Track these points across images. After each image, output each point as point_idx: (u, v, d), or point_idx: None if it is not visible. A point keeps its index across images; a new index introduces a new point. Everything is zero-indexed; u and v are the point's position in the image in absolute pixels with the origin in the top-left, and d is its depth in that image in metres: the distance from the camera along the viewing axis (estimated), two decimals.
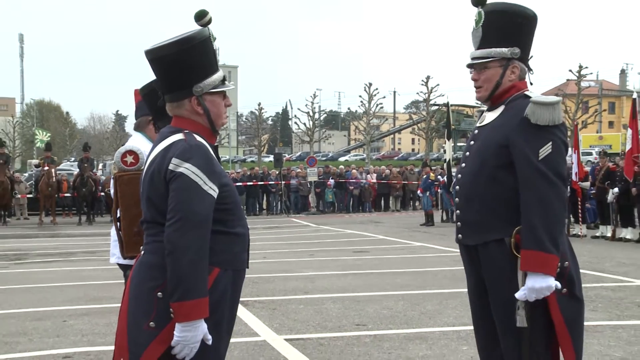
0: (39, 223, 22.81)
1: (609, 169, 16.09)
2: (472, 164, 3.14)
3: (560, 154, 2.97)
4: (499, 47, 3.10)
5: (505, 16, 3.11)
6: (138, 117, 4.38)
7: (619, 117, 74.14)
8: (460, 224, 3.20)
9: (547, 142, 2.94)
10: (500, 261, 3.01)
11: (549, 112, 2.94)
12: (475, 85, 3.21)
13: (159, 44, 2.83)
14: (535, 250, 2.88)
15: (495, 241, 3.02)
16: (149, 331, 2.71)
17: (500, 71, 3.12)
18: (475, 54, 3.17)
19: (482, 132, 3.18)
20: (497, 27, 3.10)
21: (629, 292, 8.70)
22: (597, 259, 12.07)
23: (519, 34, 3.13)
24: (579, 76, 46.79)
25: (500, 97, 3.16)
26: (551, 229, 2.90)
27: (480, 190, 3.09)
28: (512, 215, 2.99)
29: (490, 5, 3.14)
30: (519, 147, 2.96)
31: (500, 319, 3.06)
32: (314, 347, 6.07)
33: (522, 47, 3.13)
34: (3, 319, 7.54)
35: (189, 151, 2.71)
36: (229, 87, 2.93)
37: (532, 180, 2.93)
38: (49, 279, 10.46)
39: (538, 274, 2.88)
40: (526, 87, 3.17)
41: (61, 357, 5.89)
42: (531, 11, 3.16)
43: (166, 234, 2.65)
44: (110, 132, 79.77)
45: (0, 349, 6.21)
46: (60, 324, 7.20)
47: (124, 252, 3.63)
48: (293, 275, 10.49)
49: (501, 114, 3.11)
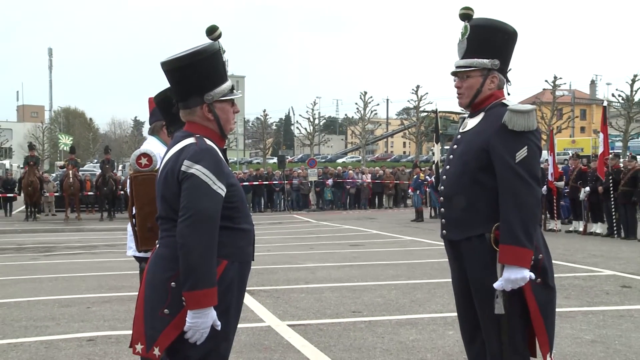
0: (65, 219, 22.80)
1: (581, 170, 16.09)
2: (456, 166, 3.15)
3: (534, 157, 2.98)
4: (480, 58, 3.11)
5: (489, 30, 3.12)
6: (152, 122, 4.37)
7: (590, 123, 74.06)
8: (445, 220, 3.20)
9: (523, 146, 2.95)
10: (481, 254, 3.02)
11: (524, 119, 2.95)
12: (457, 92, 3.21)
13: (174, 56, 2.82)
14: (511, 245, 2.89)
15: (477, 236, 3.03)
16: (163, 317, 2.70)
17: (480, 80, 3.12)
18: (459, 63, 3.17)
19: (464, 137, 3.18)
20: (480, 40, 3.11)
21: (599, 281, 8.69)
22: (570, 252, 12.07)
23: (500, 48, 3.14)
24: (554, 86, 46.73)
25: (480, 104, 3.16)
26: (526, 225, 2.91)
27: (463, 190, 3.09)
28: (492, 213, 3.00)
29: (475, 20, 3.15)
30: (498, 151, 2.97)
31: (481, 307, 3.06)
32: (314, 332, 6.06)
33: (502, 59, 3.14)
34: (34, 305, 7.53)
35: (200, 154, 2.70)
36: (237, 95, 2.92)
37: (510, 181, 2.93)
38: (74, 269, 10.45)
39: (513, 267, 2.89)
40: (504, 96, 3.17)
41: (85, 340, 5.88)
42: (512, 28, 3.17)
43: (178, 229, 2.65)
44: (129, 136, 79.69)
45: (32, 332, 6.20)
46: (84, 310, 7.19)
47: (138, 246, 3.61)
48: (295, 267, 10.47)
49: (481, 120, 3.11)
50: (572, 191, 16.30)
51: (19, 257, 12.34)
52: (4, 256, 12.64)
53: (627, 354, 5.25)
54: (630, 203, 14.39)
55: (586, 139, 55.45)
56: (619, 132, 40.43)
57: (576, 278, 8.95)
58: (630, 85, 40.64)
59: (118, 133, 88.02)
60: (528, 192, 2.92)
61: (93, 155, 70.43)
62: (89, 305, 7.44)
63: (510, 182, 2.93)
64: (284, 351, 5.45)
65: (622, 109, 41.13)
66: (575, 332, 5.94)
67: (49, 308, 7.33)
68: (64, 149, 46.07)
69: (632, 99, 40.89)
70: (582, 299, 7.46)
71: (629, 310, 6.85)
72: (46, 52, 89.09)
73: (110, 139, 76.76)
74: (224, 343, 2.80)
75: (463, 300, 3.24)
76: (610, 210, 14.76)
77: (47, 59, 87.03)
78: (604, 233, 15.08)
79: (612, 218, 14.75)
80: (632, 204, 14.42)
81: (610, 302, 7.29)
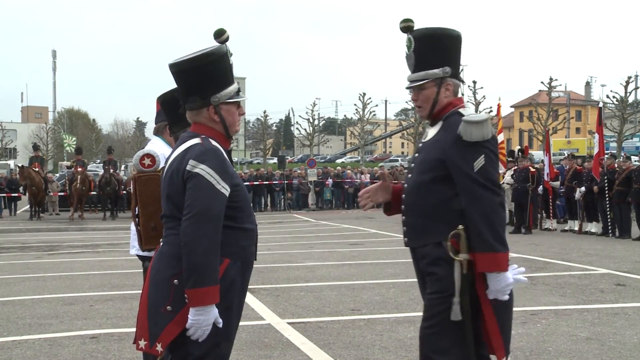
0: (70, 218, 22.78)
1: (576, 170, 16.09)
2: (416, 175, 3.11)
3: (492, 164, 2.96)
4: (431, 69, 3.07)
5: (433, 39, 3.07)
6: (157, 122, 4.37)
7: (585, 124, 74.04)
8: (406, 228, 3.17)
9: (480, 155, 2.93)
10: (438, 262, 2.98)
11: (479, 130, 2.92)
12: (415, 105, 3.18)
13: (182, 58, 2.82)
14: (485, 253, 2.87)
15: (434, 244, 3.00)
16: (166, 314, 2.71)
17: (435, 90, 3.09)
18: (411, 77, 3.13)
19: (424, 146, 3.14)
20: (427, 51, 3.07)
21: (594, 279, 8.70)
22: (565, 250, 12.08)
23: (448, 54, 3.10)
24: (549, 87, 46.71)
25: (439, 114, 3.12)
26: (495, 229, 2.89)
27: (421, 198, 3.06)
28: (448, 221, 2.97)
29: (417, 31, 3.09)
30: (455, 163, 2.95)
31: (434, 312, 3.00)
32: (313, 330, 6.06)
33: (452, 65, 3.10)
34: (38, 302, 7.53)
35: (205, 154, 2.71)
36: (242, 97, 2.93)
37: (471, 190, 2.92)
38: (77, 268, 10.45)
39: (494, 275, 2.88)
40: (461, 103, 3.14)
41: (89, 337, 5.88)
42: (455, 31, 3.13)
43: (182, 228, 2.65)
44: (131, 137, 79.60)
45: (35, 330, 6.20)
46: (87, 308, 7.19)
47: (142, 245, 3.61)
48: (295, 265, 10.47)
49: (439, 130, 3.09)
50: (567, 191, 16.31)
51: (23, 256, 12.33)
52: (9, 255, 12.63)
53: (622, 351, 5.26)
54: (624, 203, 14.40)
55: (581, 139, 55.44)
56: (614, 132, 40.46)
57: (572, 276, 8.96)
58: (625, 87, 40.67)
59: (121, 134, 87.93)
60: (489, 197, 2.91)
61: (96, 155, 70.40)
62: (92, 304, 7.44)
63: (472, 191, 2.92)
64: (284, 348, 5.45)
65: (617, 110, 41.16)
66: (570, 329, 5.95)
67: (52, 306, 7.33)
68: (69, 150, 45.99)
69: (626, 101, 40.93)
70: (578, 297, 7.46)
71: (623, 308, 6.86)
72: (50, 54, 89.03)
73: (113, 140, 76.67)
74: (225, 341, 2.80)
75: None
76: (605, 209, 14.76)
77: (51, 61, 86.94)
78: (598, 232, 15.09)
79: (606, 217, 14.75)
80: (627, 203, 14.43)
81: (605, 300, 7.30)
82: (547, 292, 7.76)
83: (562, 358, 5.09)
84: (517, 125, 77.87)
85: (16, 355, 5.37)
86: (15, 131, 70.00)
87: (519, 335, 5.74)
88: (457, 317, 2.91)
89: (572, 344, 5.45)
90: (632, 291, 7.86)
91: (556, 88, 48.36)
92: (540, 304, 7.11)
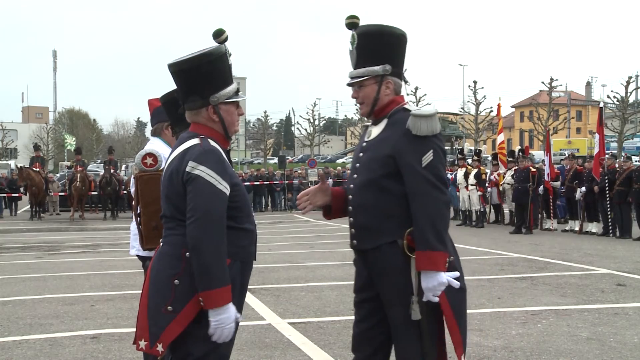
0: (70, 218, 22.79)
1: (577, 170, 16.09)
2: (363, 174, 3.06)
3: (440, 161, 2.94)
4: (372, 66, 3.04)
5: (376, 36, 3.05)
6: (154, 123, 4.36)
7: (585, 124, 74.06)
8: (354, 230, 3.10)
9: (429, 150, 2.91)
10: (393, 262, 2.95)
11: (427, 123, 2.91)
12: (357, 102, 3.15)
13: (181, 58, 2.82)
14: (425, 251, 2.84)
15: (388, 244, 2.96)
16: (167, 314, 2.70)
17: (376, 87, 3.06)
18: (352, 73, 3.10)
19: (370, 145, 3.10)
20: (370, 48, 3.04)
21: (594, 279, 8.70)
22: (566, 250, 12.08)
23: (390, 52, 3.07)
24: (550, 87, 46.72)
25: (381, 112, 3.10)
26: (436, 228, 2.86)
27: (372, 197, 3.01)
28: (402, 219, 2.94)
29: (362, 27, 3.07)
30: (404, 157, 2.92)
31: (396, 316, 2.97)
32: (314, 330, 6.06)
33: (394, 63, 3.07)
34: (38, 302, 7.53)
35: (203, 155, 2.71)
36: (242, 97, 2.93)
37: (418, 186, 2.89)
38: (78, 268, 10.45)
39: (428, 273, 2.84)
40: (404, 101, 3.13)
41: (89, 337, 5.88)
42: (399, 30, 3.11)
43: (188, 231, 2.65)
44: (132, 137, 79.71)
45: (36, 330, 6.20)
46: (88, 308, 7.19)
47: (143, 245, 3.61)
48: (295, 265, 10.48)
49: (385, 127, 3.06)
50: (568, 191, 16.30)
51: (23, 256, 12.34)
52: (9, 255, 12.64)
53: (622, 351, 5.26)
54: (625, 203, 14.40)
55: (582, 139, 55.46)
56: (614, 132, 40.46)
57: (572, 276, 8.96)
58: (625, 87, 40.67)
59: (121, 134, 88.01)
60: (435, 195, 2.89)
61: (96, 155, 70.44)
62: (92, 304, 7.44)
63: (418, 187, 2.89)
64: (285, 349, 5.45)
65: (617, 110, 41.16)
66: (571, 329, 5.95)
67: (53, 306, 7.33)
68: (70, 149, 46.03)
69: (627, 101, 40.94)
70: (578, 297, 7.46)
71: (623, 308, 6.86)
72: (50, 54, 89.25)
73: (113, 140, 76.69)
74: (225, 341, 2.80)
75: (369, 316, 3.13)
76: (605, 209, 14.75)
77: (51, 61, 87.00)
78: (599, 232, 15.08)
79: (607, 217, 14.75)
80: (627, 203, 14.43)
81: (605, 300, 7.29)
82: (548, 292, 7.76)
83: (562, 358, 5.08)
84: (518, 125, 77.90)
85: (17, 355, 5.37)
86: (15, 131, 70.03)
87: (519, 335, 5.74)
88: (417, 317, 2.90)
89: (573, 344, 5.45)
90: (632, 291, 7.86)
91: (557, 88, 48.36)
92: (541, 304, 7.11)
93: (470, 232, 16.28)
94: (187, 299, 2.69)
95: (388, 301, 3.00)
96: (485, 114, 50.58)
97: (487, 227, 17.90)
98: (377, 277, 3.02)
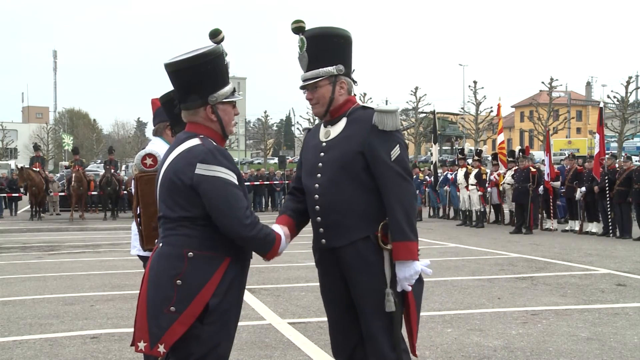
0: (70, 218, 22.79)
1: (577, 170, 16.09)
2: (331, 173, 3.08)
3: (405, 154, 3.07)
4: (325, 67, 3.08)
5: (325, 38, 3.10)
6: (156, 123, 4.37)
7: (586, 124, 74.04)
8: (323, 229, 3.12)
9: (395, 145, 3.02)
10: (368, 256, 3.01)
11: (392, 119, 3.01)
12: (311, 104, 3.18)
13: (178, 58, 2.82)
14: (402, 242, 2.95)
15: (361, 239, 3.02)
16: (170, 315, 2.70)
17: (330, 88, 3.10)
18: (305, 76, 3.13)
19: (332, 144, 3.12)
20: (320, 50, 3.08)
21: (594, 280, 8.70)
22: (566, 250, 12.08)
23: (341, 53, 3.12)
24: (550, 87, 46.71)
25: (337, 111, 3.14)
26: (410, 219, 2.98)
27: (343, 195, 3.04)
28: (373, 214, 3.02)
29: (309, 31, 3.11)
30: (375, 152, 3.00)
31: (370, 309, 3.02)
32: (314, 330, 6.06)
33: (345, 63, 3.13)
34: (38, 302, 7.53)
35: (213, 154, 2.72)
36: (238, 97, 2.94)
37: (390, 179, 2.99)
38: (78, 268, 10.45)
39: (405, 263, 2.95)
40: (356, 101, 3.19)
41: (89, 337, 5.88)
42: (346, 31, 3.16)
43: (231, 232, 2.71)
44: (132, 137, 79.64)
45: (36, 330, 6.21)
46: (88, 308, 7.19)
47: (144, 245, 3.61)
48: (295, 265, 10.47)
49: (346, 125, 3.10)
50: (568, 191, 16.30)
51: (24, 256, 12.34)
52: (10, 255, 12.64)
53: (622, 351, 5.26)
54: (625, 203, 14.40)
55: (582, 139, 55.47)
56: (614, 132, 40.46)
57: (572, 276, 8.96)
58: (625, 87, 40.67)
59: (121, 134, 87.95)
60: (406, 187, 3.02)
61: (97, 155, 70.45)
62: (92, 304, 7.44)
63: (390, 180, 2.99)
64: (285, 349, 5.45)
65: (617, 110, 41.16)
66: (571, 329, 5.95)
67: (53, 306, 7.33)
68: (68, 149, 46.04)
69: (627, 101, 40.94)
70: (578, 297, 7.46)
71: (623, 308, 6.86)
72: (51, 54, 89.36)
73: (113, 140, 76.70)
74: (225, 341, 2.80)
75: (344, 313, 3.18)
76: (605, 209, 14.75)
77: (51, 61, 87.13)
78: (599, 232, 15.08)
79: (607, 217, 14.75)
80: (627, 203, 14.43)
81: (605, 300, 7.29)
82: (548, 292, 7.76)
83: (562, 358, 5.08)
84: (518, 125, 77.89)
85: (17, 355, 5.37)
86: (16, 131, 70.05)
87: (520, 335, 5.74)
88: (391, 308, 2.98)
89: (573, 344, 5.45)
90: (632, 291, 7.85)
91: (557, 88, 48.36)
92: (541, 304, 7.11)
93: (470, 232, 16.28)
94: (190, 298, 2.69)
95: (362, 295, 3.06)
96: (485, 114, 50.58)
97: (487, 227, 17.90)
98: (352, 273, 3.07)
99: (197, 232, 2.74)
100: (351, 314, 3.15)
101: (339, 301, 3.19)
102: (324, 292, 3.28)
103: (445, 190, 20.87)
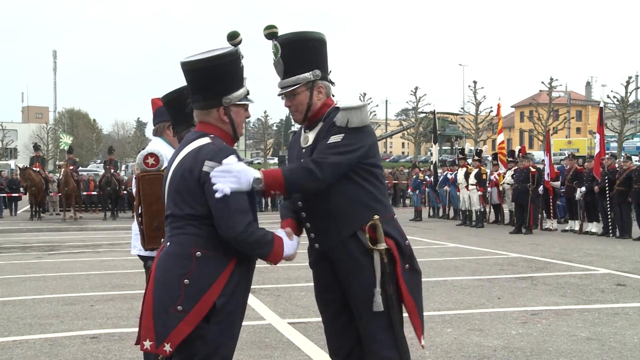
0: (62, 218, 22.72)
1: (577, 170, 16.10)
2: None
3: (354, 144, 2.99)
4: (302, 73, 3.06)
5: (300, 43, 3.06)
6: (156, 123, 4.36)
7: (585, 124, 74.05)
8: (314, 234, 3.14)
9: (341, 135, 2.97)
10: (357, 254, 3.01)
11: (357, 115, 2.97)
12: (290, 111, 3.16)
13: (196, 57, 2.82)
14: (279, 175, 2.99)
15: (350, 237, 3.03)
16: (176, 314, 2.70)
17: (308, 94, 3.08)
18: (282, 83, 3.10)
19: (309, 150, 3.10)
20: (295, 55, 3.05)
21: (594, 280, 8.70)
22: (566, 250, 12.08)
23: (316, 57, 3.09)
24: (550, 87, 46.74)
25: (315, 116, 3.13)
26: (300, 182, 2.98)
27: (326, 199, 3.04)
28: (356, 210, 3.02)
29: (282, 36, 3.08)
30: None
31: (366, 310, 3.02)
32: (314, 330, 6.06)
33: (321, 67, 3.10)
34: (38, 302, 7.53)
35: (220, 153, 2.73)
36: (251, 101, 2.94)
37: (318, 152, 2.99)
38: (78, 268, 10.46)
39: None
40: (333, 102, 3.16)
41: (89, 337, 5.88)
42: (319, 34, 3.13)
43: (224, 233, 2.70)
44: (132, 137, 79.58)
45: (36, 330, 6.21)
46: (88, 308, 7.20)
47: (145, 245, 3.62)
48: (295, 265, 10.45)
49: (321, 129, 3.09)
50: (568, 191, 16.31)
51: (23, 256, 12.34)
52: (9, 255, 12.64)
53: (622, 351, 5.26)
54: (625, 203, 14.41)
55: (582, 139, 55.48)
56: (614, 132, 40.48)
57: (572, 276, 8.96)
58: (625, 87, 40.71)
59: (121, 134, 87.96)
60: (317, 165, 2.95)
61: (96, 155, 70.44)
62: (92, 304, 7.45)
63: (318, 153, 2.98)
64: (285, 349, 5.46)
65: (617, 110, 41.18)
66: (571, 329, 5.95)
67: (53, 306, 7.34)
68: (64, 148, 46.04)
69: (627, 101, 40.97)
70: (578, 297, 7.47)
71: (623, 308, 6.86)
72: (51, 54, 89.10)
73: (113, 140, 76.65)
74: (229, 342, 2.81)
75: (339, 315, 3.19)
76: (605, 209, 14.76)
77: (51, 61, 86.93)
78: (599, 232, 15.09)
79: (607, 217, 14.75)
80: (627, 203, 14.43)
81: (605, 300, 7.30)
82: (548, 292, 7.77)
83: (562, 358, 5.09)
84: (518, 125, 77.92)
85: (17, 355, 5.38)
86: (15, 131, 69.99)
87: (520, 335, 5.74)
88: (379, 308, 2.97)
89: (573, 344, 5.45)
90: (632, 291, 7.86)
91: (557, 88, 48.38)
92: (541, 304, 7.12)
93: (470, 232, 16.28)
94: (197, 298, 2.69)
95: (356, 296, 3.05)
96: (485, 114, 50.60)
97: (487, 227, 17.90)
98: (344, 272, 3.07)
99: (204, 232, 2.74)
100: (346, 316, 3.15)
101: (333, 303, 3.19)
102: (319, 294, 3.28)
103: (445, 190, 20.87)
